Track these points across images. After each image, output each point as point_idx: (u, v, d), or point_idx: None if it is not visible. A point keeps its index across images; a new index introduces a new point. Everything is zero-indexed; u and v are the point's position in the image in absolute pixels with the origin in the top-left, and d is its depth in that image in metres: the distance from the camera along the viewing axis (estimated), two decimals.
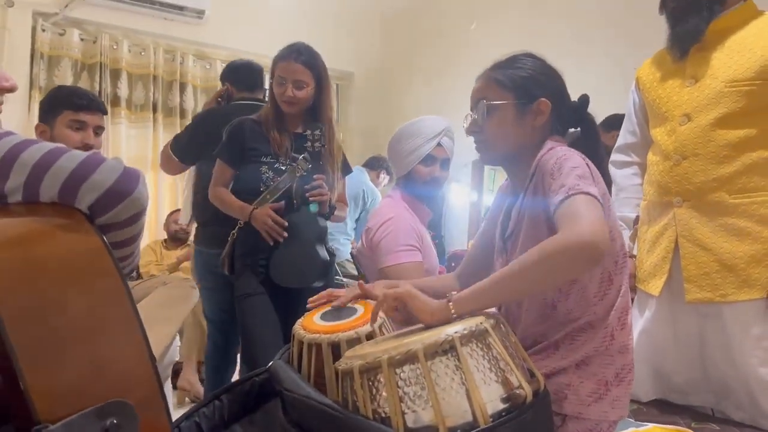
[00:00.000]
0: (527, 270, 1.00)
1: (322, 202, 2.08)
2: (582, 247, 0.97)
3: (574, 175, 1.08)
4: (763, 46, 1.49)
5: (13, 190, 0.76)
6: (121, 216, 0.80)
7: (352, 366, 0.93)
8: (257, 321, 2.07)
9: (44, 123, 1.94)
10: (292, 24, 4.47)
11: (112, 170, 0.78)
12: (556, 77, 1.32)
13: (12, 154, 0.77)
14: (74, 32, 4.14)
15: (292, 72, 2.10)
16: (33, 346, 0.66)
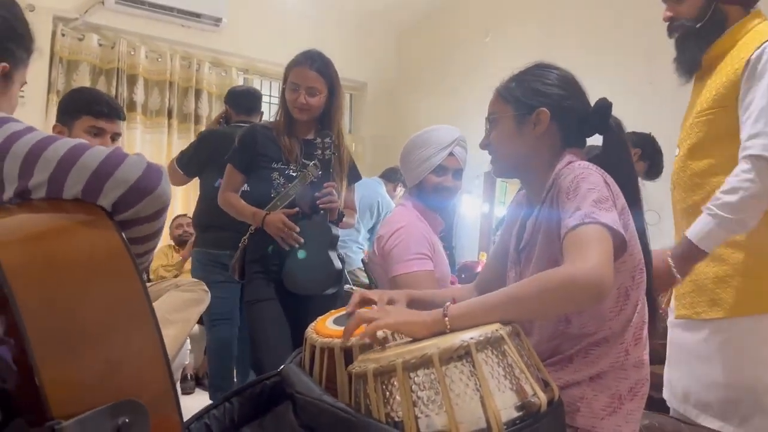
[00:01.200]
0: (527, 298, 0.99)
1: (332, 210, 2.09)
2: (585, 285, 0.95)
3: (591, 200, 1.06)
4: (725, 74, 1.48)
5: (37, 186, 0.76)
6: (144, 212, 0.80)
7: (366, 369, 0.93)
8: (267, 327, 2.07)
9: (62, 124, 1.96)
10: (308, 33, 4.50)
11: (135, 166, 0.79)
12: (562, 85, 1.28)
13: (36, 150, 0.78)
14: (93, 37, 4.20)
15: (305, 79, 2.11)
16: (50, 341, 0.66)
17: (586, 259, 0.97)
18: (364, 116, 5.44)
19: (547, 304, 0.99)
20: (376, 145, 5.16)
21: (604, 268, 0.97)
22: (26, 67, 1.05)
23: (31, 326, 0.65)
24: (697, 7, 1.52)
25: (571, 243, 1.02)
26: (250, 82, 4.98)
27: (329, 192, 2.06)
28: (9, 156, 0.77)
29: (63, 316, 0.68)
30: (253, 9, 4.68)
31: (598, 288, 0.95)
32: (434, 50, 5.04)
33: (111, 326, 0.72)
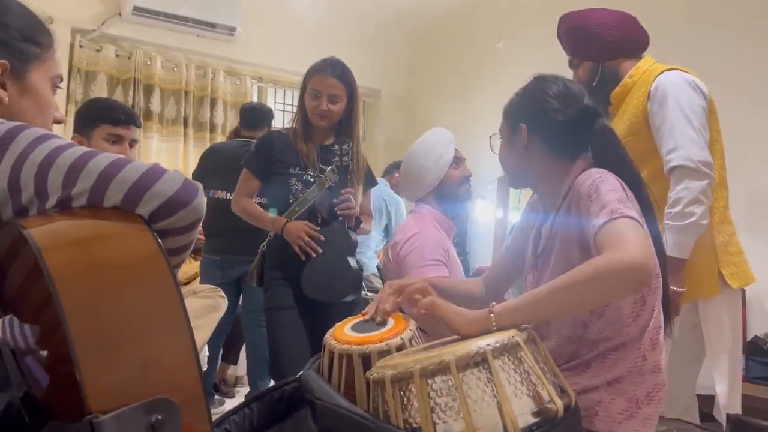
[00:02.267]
0: (576, 287, 0.99)
1: (350, 216, 2.09)
2: (633, 269, 0.96)
3: (614, 198, 1.08)
4: (633, 106, 1.75)
5: (79, 194, 0.79)
6: (179, 223, 0.83)
7: (384, 375, 0.94)
8: (286, 335, 2.07)
9: (80, 134, 1.98)
10: (321, 42, 4.54)
11: (173, 181, 0.82)
12: (545, 99, 1.30)
13: (81, 161, 0.81)
14: (110, 48, 4.26)
15: (327, 86, 2.12)
16: (91, 341, 0.68)
17: (627, 247, 0.98)
18: (378, 123, 5.47)
19: (596, 291, 1.00)
20: (389, 152, 5.17)
21: (647, 252, 0.98)
22: (45, 62, 1.01)
23: (74, 326, 0.67)
24: (589, 71, 1.85)
25: (606, 238, 1.03)
26: (265, 90, 5.03)
27: (347, 198, 2.07)
28: (54, 167, 0.80)
29: (104, 318, 0.71)
30: (267, 18, 4.73)
31: (645, 270, 0.97)
32: (447, 57, 5.05)
33: (148, 327, 0.74)
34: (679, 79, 1.67)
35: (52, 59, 1.04)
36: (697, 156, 1.57)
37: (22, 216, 0.80)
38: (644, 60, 1.81)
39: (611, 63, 1.82)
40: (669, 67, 1.72)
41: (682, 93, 1.64)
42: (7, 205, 0.80)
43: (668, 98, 1.64)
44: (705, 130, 1.62)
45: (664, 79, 1.68)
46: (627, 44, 1.81)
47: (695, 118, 1.61)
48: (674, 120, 1.61)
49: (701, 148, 1.58)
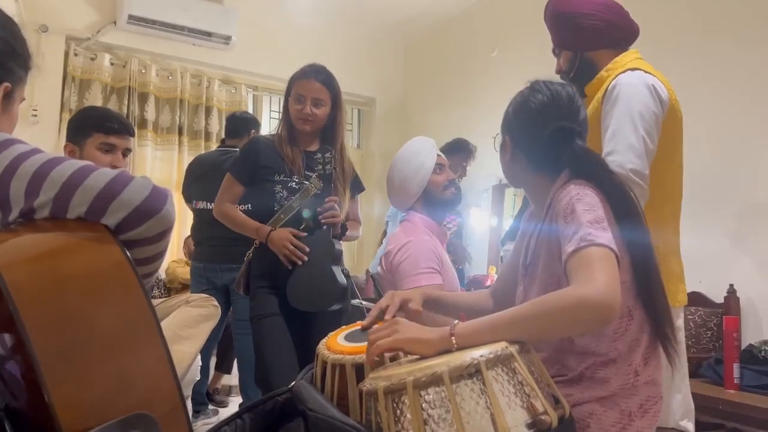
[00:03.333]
0: (534, 319, 0.98)
1: (334, 224, 2.09)
2: (594, 307, 0.94)
3: (587, 221, 1.06)
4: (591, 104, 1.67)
5: (42, 205, 0.77)
6: (147, 232, 0.80)
7: (376, 387, 0.93)
8: (272, 342, 2.05)
9: (73, 143, 1.97)
10: (316, 50, 4.54)
11: (141, 189, 0.79)
12: (527, 112, 1.29)
13: (42, 171, 0.78)
14: (105, 57, 4.26)
15: (311, 90, 2.12)
16: (57, 358, 0.66)
17: (593, 281, 0.96)
18: (373, 131, 5.48)
19: (554, 326, 0.98)
20: (385, 160, 5.17)
21: (612, 289, 0.96)
22: (25, 84, 1.04)
23: (38, 344, 0.65)
24: (568, 60, 1.78)
25: (575, 267, 1.01)
26: (260, 99, 5.03)
27: (331, 206, 2.06)
28: (16, 177, 0.78)
29: (70, 333, 0.69)
30: (263, 27, 4.74)
31: (607, 309, 0.94)
32: (441, 65, 5.07)
33: (118, 341, 0.72)
34: (638, 80, 1.57)
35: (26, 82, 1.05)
36: (631, 164, 1.47)
37: None
38: (626, 54, 1.70)
39: (590, 53, 1.73)
40: (635, 66, 1.61)
41: (635, 96, 1.54)
42: None
43: (620, 99, 1.54)
44: (651, 139, 1.52)
45: (623, 79, 1.58)
46: (608, 35, 1.71)
47: (642, 125, 1.51)
48: (619, 123, 1.52)
49: (638, 157, 1.48)
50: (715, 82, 2.89)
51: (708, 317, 2.72)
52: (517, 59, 4.15)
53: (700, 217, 2.82)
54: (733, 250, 2.80)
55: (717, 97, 2.86)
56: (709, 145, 2.76)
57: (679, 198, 1.68)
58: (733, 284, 2.73)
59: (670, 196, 1.64)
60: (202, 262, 3.16)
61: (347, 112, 5.40)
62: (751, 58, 2.82)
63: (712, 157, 2.78)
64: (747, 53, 2.83)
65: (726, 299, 2.75)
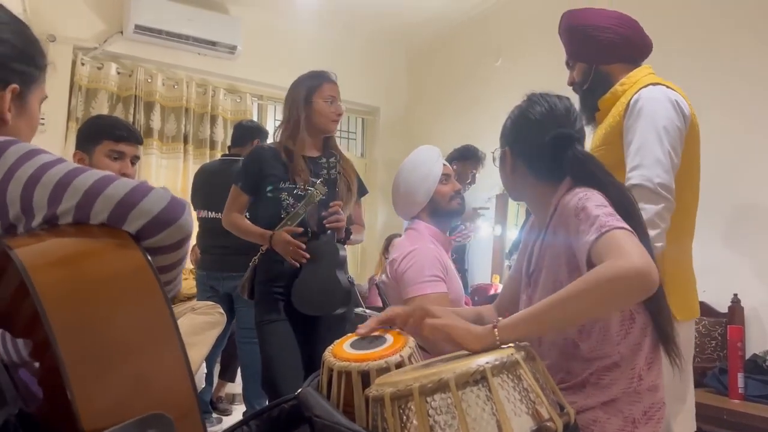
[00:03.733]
0: (576, 299, 0.98)
1: (339, 228, 2.11)
2: (638, 275, 0.95)
3: (602, 213, 1.08)
4: (612, 116, 1.67)
5: (65, 212, 0.79)
6: (166, 240, 0.82)
7: (383, 393, 0.94)
8: (277, 346, 2.08)
9: (82, 151, 2.00)
10: (321, 60, 4.55)
11: (160, 199, 0.82)
12: (525, 123, 1.32)
13: (66, 179, 0.81)
14: (112, 66, 4.30)
15: (336, 91, 2.24)
16: (81, 359, 0.68)
17: (626, 254, 0.97)
18: (377, 140, 5.50)
19: (596, 301, 0.98)
20: (388, 169, 5.20)
21: (647, 259, 0.97)
22: (41, 83, 1.03)
23: (64, 346, 0.67)
24: (582, 73, 1.79)
25: (602, 250, 1.01)
26: (265, 108, 5.06)
27: (335, 211, 2.10)
28: (40, 185, 0.80)
29: (93, 335, 0.71)
30: (268, 37, 4.78)
31: (649, 277, 0.95)
32: (445, 75, 5.10)
33: (138, 342, 0.74)
34: (662, 95, 1.59)
35: (44, 79, 1.05)
36: (659, 178, 1.48)
37: (9, 233, 0.80)
38: (640, 69, 1.72)
39: (605, 67, 1.74)
40: (656, 81, 1.64)
41: (660, 111, 1.55)
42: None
43: (644, 114, 1.56)
44: (675, 153, 1.54)
45: (645, 94, 1.59)
46: (623, 49, 1.73)
47: (667, 139, 1.52)
48: (645, 137, 1.53)
49: (666, 171, 1.50)
50: (720, 91, 2.90)
51: (712, 327, 2.72)
52: (521, 69, 4.17)
53: (704, 226, 2.81)
54: (736, 259, 2.80)
55: (719, 105, 2.87)
56: (713, 154, 2.76)
57: (695, 212, 1.69)
58: (737, 294, 2.73)
59: (688, 211, 1.65)
60: (205, 270, 3.20)
61: (351, 120, 5.46)
62: (758, 72, 2.83)
63: (717, 166, 2.78)
64: (752, 66, 2.85)
65: (730, 309, 2.74)
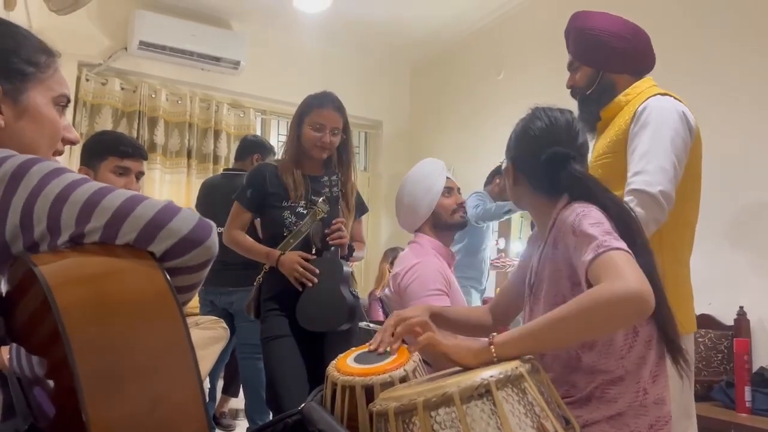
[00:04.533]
0: (573, 319, 0.98)
1: (342, 245, 2.12)
2: (632, 299, 0.95)
3: (600, 231, 1.08)
4: (618, 125, 1.65)
5: (93, 231, 0.79)
6: (192, 261, 0.82)
7: (387, 407, 0.93)
8: (283, 364, 2.07)
9: (87, 167, 2.00)
10: (324, 75, 4.62)
11: (188, 219, 0.82)
12: (525, 138, 1.33)
13: (94, 198, 0.80)
14: (116, 82, 4.33)
15: (330, 119, 2.18)
16: (98, 378, 0.68)
17: (622, 277, 0.97)
18: (380, 154, 5.52)
19: (592, 323, 0.98)
20: (392, 182, 5.22)
21: (643, 282, 0.96)
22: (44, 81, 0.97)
23: (82, 365, 0.67)
24: (587, 77, 1.75)
25: (599, 272, 1.01)
26: (268, 123, 5.09)
27: (338, 228, 2.10)
28: (68, 203, 0.80)
29: (112, 355, 0.71)
30: (271, 52, 4.81)
31: (642, 300, 0.95)
32: (448, 88, 5.12)
33: (156, 365, 0.74)
34: (670, 106, 1.57)
35: (53, 78, 1.00)
36: (661, 186, 1.46)
37: (32, 250, 0.80)
38: (643, 80, 1.71)
39: (612, 75, 1.72)
40: (664, 92, 1.63)
41: (668, 121, 1.54)
42: (18, 240, 0.79)
43: (651, 122, 1.54)
44: (680, 164, 1.52)
45: (654, 103, 1.58)
46: (635, 61, 1.71)
47: (673, 150, 1.51)
48: (651, 145, 1.51)
49: (669, 181, 1.47)
50: (723, 99, 2.91)
51: (718, 340, 2.70)
52: (523, 82, 4.19)
53: (710, 239, 2.81)
54: (742, 271, 2.79)
55: (725, 114, 2.87)
56: (718, 167, 2.76)
57: (695, 225, 1.68)
58: (743, 306, 2.72)
59: (689, 223, 1.64)
60: (204, 285, 3.18)
61: (354, 134, 5.46)
62: (761, 85, 2.84)
63: (723, 178, 2.78)
64: (754, 81, 2.85)
65: (736, 321, 2.73)
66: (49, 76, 0.99)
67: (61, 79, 1.02)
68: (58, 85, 1.01)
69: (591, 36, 1.72)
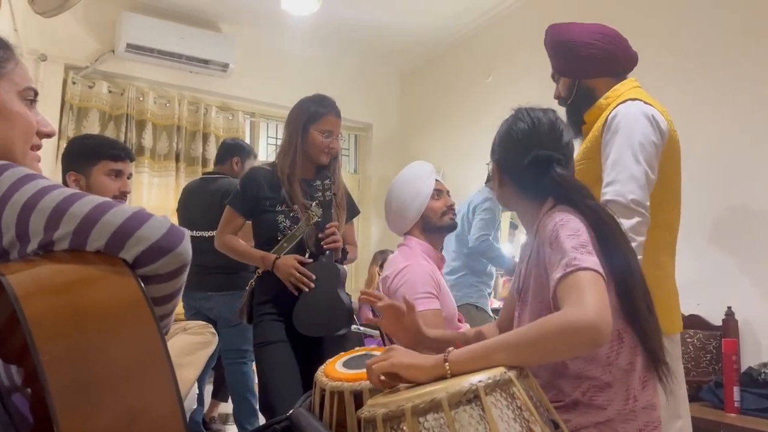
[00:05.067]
0: (525, 345, 0.98)
1: (336, 249, 2.11)
2: (585, 330, 0.94)
3: (571, 247, 1.07)
4: (591, 132, 1.69)
5: (61, 238, 0.78)
6: (163, 269, 0.81)
7: (375, 414, 0.93)
8: (276, 369, 2.06)
9: (77, 171, 1.98)
10: (313, 77, 4.60)
11: (159, 226, 0.81)
12: (509, 139, 1.33)
13: (64, 205, 0.79)
14: (103, 85, 4.30)
15: (336, 126, 2.22)
16: (70, 391, 0.67)
17: (581, 305, 0.97)
18: (370, 157, 5.51)
19: (545, 350, 0.98)
20: (381, 185, 5.21)
21: (601, 311, 0.96)
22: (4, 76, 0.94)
23: (53, 377, 0.65)
24: (567, 87, 1.80)
25: (564, 293, 1.02)
26: (257, 125, 5.07)
27: (332, 232, 2.09)
28: (36, 210, 0.79)
29: (84, 366, 0.69)
30: (260, 55, 4.79)
31: (596, 331, 0.94)
32: (437, 91, 5.13)
33: (131, 375, 0.72)
34: (638, 111, 1.59)
35: (15, 72, 0.96)
36: (632, 194, 1.49)
37: (2, 258, 0.79)
38: (625, 82, 1.72)
39: (588, 81, 1.75)
40: (634, 96, 1.64)
41: (636, 126, 1.56)
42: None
43: (620, 129, 1.57)
44: (651, 169, 1.54)
45: (622, 110, 1.60)
46: (606, 63, 1.72)
47: (643, 155, 1.53)
48: (620, 153, 1.54)
49: (640, 188, 1.50)
50: (712, 101, 2.93)
51: (707, 340, 2.71)
52: (512, 85, 4.20)
53: (698, 240, 2.83)
54: (730, 272, 2.80)
55: (712, 116, 2.89)
56: (706, 168, 2.79)
57: (677, 226, 1.69)
58: (731, 306, 2.73)
59: (667, 225, 1.65)
60: (185, 289, 3.16)
61: (344, 137, 5.46)
62: (749, 87, 2.86)
63: (710, 180, 2.80)
64: (742, 82, 2.88)
65: (724, 322, 2.74)
66: (10, 70, 0.96)
67: (24, 72, 0.99)
68: (22, 79, 0.97)
69: (561, 47, 1.77)
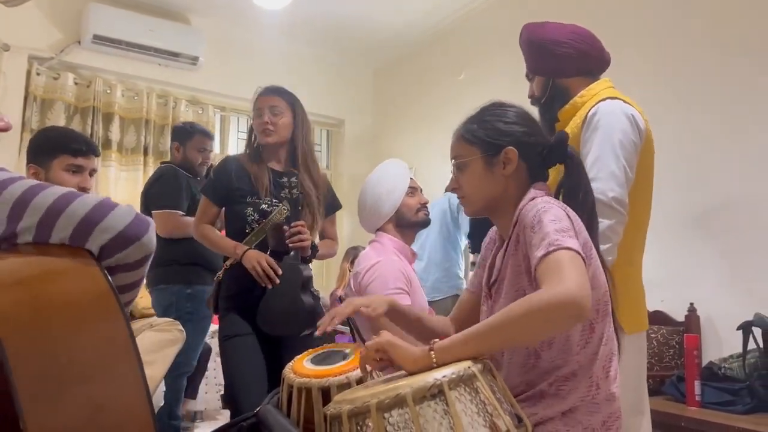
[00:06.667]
0: (511, 324, 1.00)
1: (303, 248, 2.09)
2: (567, 305, 0.97)
3: (553, 229, 1.09)
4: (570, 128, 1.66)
5: (25, 230, 0.77)
6: (128, 258, 0.81)
7: (340, 410, 0.93)
8: (241, 362, 2.04)
9: (37, 165, 1.93)
10: (285, 72, 4.56)
11: (124, 215, 0.81)
12: (522, 122, 1.34)
13: (27, 196, 0.79)
14: (69, 76, 4.20)
15: (266, 101, 2.20)
16: (35, 385, 0.66)
17: (563, 281, 0.99)
18: (342, 152, 5.50)
19: (529, 328, 1.00)
20: (353, 181, 5.20)
21: (583, 287, 0.99)
22: None
23: (17, 370, 0.65)
24: (541, 86, 1.80)
25: (545, 270, 1.04)
26: (227, 119, 5.01)
27: (297, 231, 2.07)
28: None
29: (50, 360, 0.69)
30: (231, 48, 4.74)
31: (579, 306, 0.97)
32: (410, 88, 5.13)
33: (98, 368, 0.72)
34: (618, 109, 1.60)
35: None
36: (613, 192, 1.50)
37: None
38: (600, 82, 1.73)
39: (563, 80, 1.75)
40: (614, 95, 1.65)
41: (616, 125, 1.57)
42: None
43: (601, 127, 1.58)
44: (630, 167, 1.56)
45: (603, 108, 1.60)
46: (580, 63, 1.73)
47: (623, 154, 1.54)
48: (600, 151, 1.55)
49: (620, 185, 1.52)
50: (675, 100, 2.99)
51: (670, 335, 2.78)
52: (484, 82, 4.23)
53: (662, 237, 2.89)
54: (693, 269, 2.87)
55: (679, 116, 2.95)
56: (672, 167, 2.84)
57: (647, 226, 1.71)
58: (693, 303, 2.80)
59: (640, 224, 1.67)
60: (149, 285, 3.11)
61: (316, 132, 5.44)
62: (708, 89, 2.93)
63: (674, 177, 2.86)
64: (705, 73, 2.94)
65: (687, 317, 2.81)
66: None
67: None
68: None
69: (535, 46, 1.78)
